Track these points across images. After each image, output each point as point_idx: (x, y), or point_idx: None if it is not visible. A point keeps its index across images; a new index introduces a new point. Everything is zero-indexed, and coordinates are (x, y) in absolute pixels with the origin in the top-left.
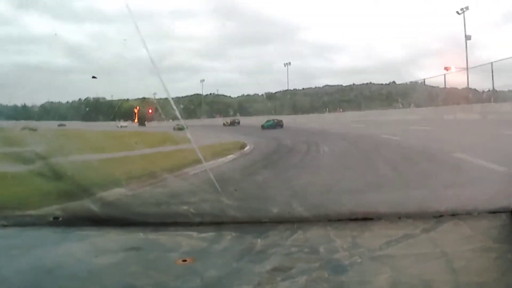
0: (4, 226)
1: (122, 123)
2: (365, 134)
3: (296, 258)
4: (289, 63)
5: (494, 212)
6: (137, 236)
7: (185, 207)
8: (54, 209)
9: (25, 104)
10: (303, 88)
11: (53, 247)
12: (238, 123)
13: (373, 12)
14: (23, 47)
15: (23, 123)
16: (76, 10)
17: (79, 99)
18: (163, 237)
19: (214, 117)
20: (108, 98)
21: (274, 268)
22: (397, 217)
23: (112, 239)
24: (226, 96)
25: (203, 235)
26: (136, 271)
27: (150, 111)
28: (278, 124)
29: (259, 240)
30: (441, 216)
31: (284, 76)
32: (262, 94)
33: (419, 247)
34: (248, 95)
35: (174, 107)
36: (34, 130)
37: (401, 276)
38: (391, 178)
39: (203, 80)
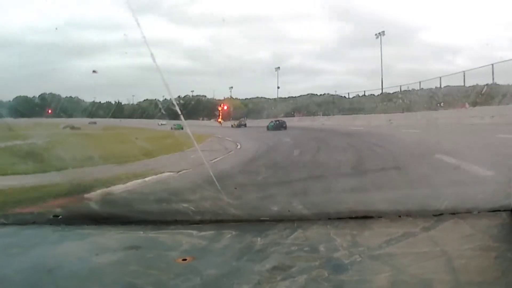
0: (4, 224)
1: (162, 121)
2: None
3: (296, 257)
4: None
5: (494, 210)
6: (137, 235)
7: (185, 205)
8: (54, 207)
9: (118, 101)
10: (421, 89)
11: (53, 246)
12: (245, 125)
13: (492, 10)
14: (142, 50)
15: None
16: (191, 15)
17: (178, 96)
18: (163, 236)
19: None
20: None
21: (274, 266)
22: (397, 216)
23: (112, 238)
24: (341, 96)
25: (203, 233)
26: (136, 269)
27: (225, 110)
28: (282, 126)
29: (259, 239)
30: (441, 214)
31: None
32: (378, 95)
33: (419, 246)
34: (363, 95)
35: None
36: (77, 128)
37: (401, 275)
38: None
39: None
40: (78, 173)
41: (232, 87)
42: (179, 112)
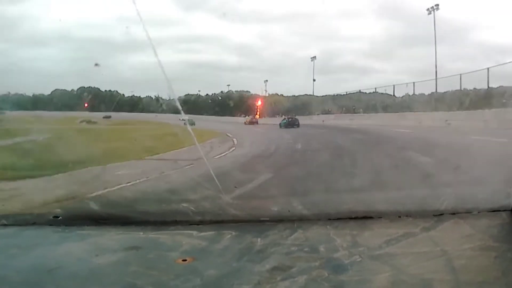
0: (4, 225)
1: (183, 116)
2: None
3: (296, 257)
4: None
5: (494, 210)
6: (137, 235)
7: (185, 205)
8: (54, 208)
9: (158, 96)
10: (474, 88)
11: (53, 246)
12: (256, 122)
13: None
14: (192, 46)
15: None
16: (241, 11)
17: (221, 91)
18: (163, 236)
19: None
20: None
21: (274, 267)
22: (397, 216)
23: (112, 238)
24: (390, 95)
25: (203, 234)
26: (136, 270)
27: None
28: (294, 124)
29: (259, 239)
30: (441, 214)
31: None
32: (428, 94)
33: (419, 246)
34: (413, 94)
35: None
36: (94, 123)
37: (401, 275)
38: None
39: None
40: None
41: (266, 80)
42: (180, 108)
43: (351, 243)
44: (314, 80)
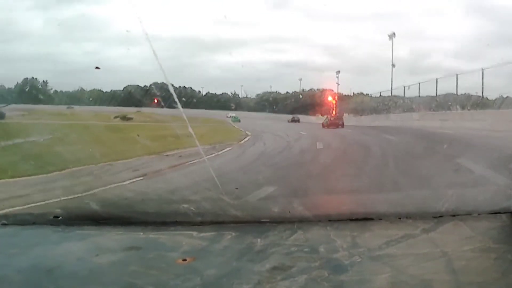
0: (4, 224)
1: (231, 113)
2: None
3: (296, 258)
4: None
5: (494, 213)
6: (137, 235)
7: (185, 205)
8: (54, 207)
9: (234, 92)
10: None
11: (53, 246)
12: (298, 120)
13: None
14: (278, 46)
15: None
16: (328, 11)
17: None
18: (163, 236)
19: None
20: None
21: (274, 267)
22: (397, 217)
23: (112, 238)
24: (483, 97)
25: (203, 234)
26: (136, 270)
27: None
28: (338, 124)
29: (259, 240)
30: (441, 216)
31: None
32: None
33: (419, 247)
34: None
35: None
36: (130, 119)
37: (401, 276)
38: None
39: None
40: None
41: (301, 79)
42: (179, 104)
43: (351, 244)
44: (393, 65)
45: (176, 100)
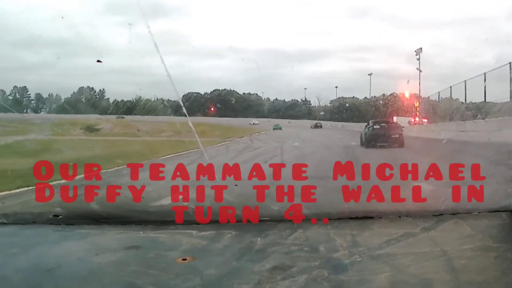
0: (4, 224)
1: (254, 120)
2: None
3: (296, 257)
4: None
5: (494, 211)
6: (137, 235)
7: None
8: (54, 207)
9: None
10: None
11: (53, 245)
12: (321, 126)
13: None
14: (362, 55)
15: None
16: (411, 18)
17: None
18: (163, 236)
19: None
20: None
21: (274, 266)
22: (397, 216)
23: (112, 237)
24: None
25: (203, 233)
26: (136, 269)
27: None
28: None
29: (259, 239)
30: (441, 215)
31: None
32: None
33: (419, 246)
34: None
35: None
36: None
37: (401, 275)
38: None
39: None
40: None
41: (337, 87)
42: (184, 110)
43: (351, 243)
44: (420, 71)
45: (184, 110)
